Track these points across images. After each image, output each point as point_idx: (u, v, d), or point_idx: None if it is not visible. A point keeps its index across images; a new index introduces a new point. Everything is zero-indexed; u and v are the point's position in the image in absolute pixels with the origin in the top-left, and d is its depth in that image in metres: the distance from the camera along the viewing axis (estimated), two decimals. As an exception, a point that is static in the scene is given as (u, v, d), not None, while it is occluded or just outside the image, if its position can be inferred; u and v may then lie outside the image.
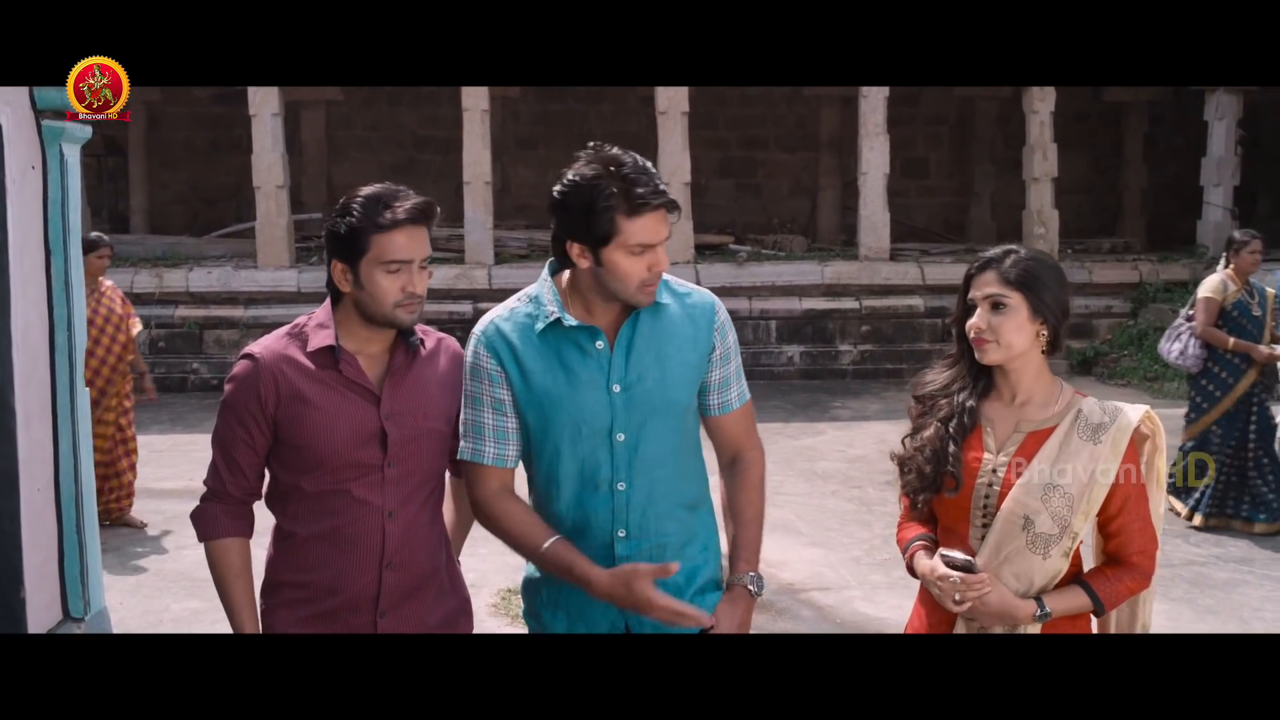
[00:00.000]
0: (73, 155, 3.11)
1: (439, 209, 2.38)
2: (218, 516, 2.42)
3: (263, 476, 2.47)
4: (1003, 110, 15.17)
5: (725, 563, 2.45)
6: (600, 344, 2.27)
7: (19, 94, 2.84)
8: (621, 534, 2.29)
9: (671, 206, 2.20)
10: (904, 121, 15.99)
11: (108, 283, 6.55)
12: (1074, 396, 2.38)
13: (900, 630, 2.68)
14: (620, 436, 2.26)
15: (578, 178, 2.17)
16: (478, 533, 2.55)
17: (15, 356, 2.83)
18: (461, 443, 2.35)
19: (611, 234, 2.16)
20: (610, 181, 2.14)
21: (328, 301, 2.42)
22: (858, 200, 13.03)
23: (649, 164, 2.21)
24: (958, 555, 2.29)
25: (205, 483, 2.45)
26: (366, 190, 2.32)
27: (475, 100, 12.44)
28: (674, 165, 12.32)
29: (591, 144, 2.23)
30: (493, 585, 5.40)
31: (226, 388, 2.42)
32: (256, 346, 2.42)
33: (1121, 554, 2.34)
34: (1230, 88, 13.34)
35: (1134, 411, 2.35)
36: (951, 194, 16.81)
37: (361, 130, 16.21)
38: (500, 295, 11.84)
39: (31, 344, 2.93)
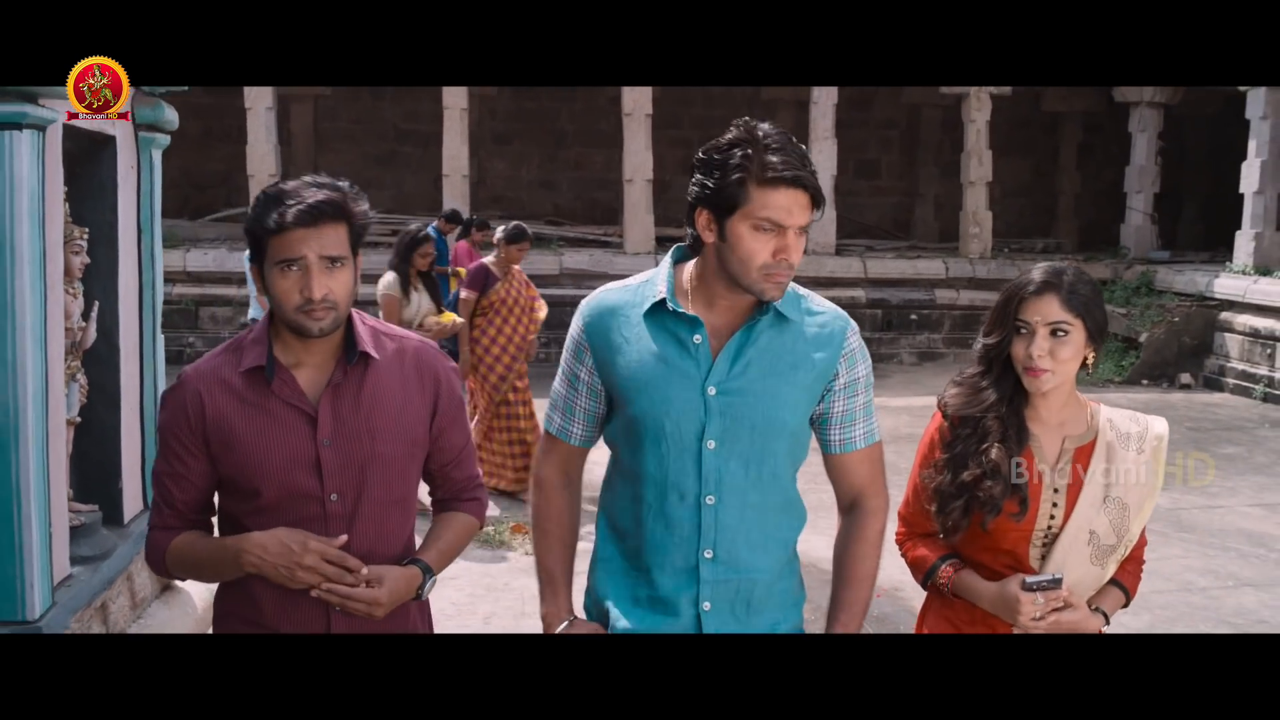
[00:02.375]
0: (158, 157, 4.07)
1: (355, 204, 2.15)
2: (158, 536, 2.22)
3: (207, 509, 2.26)
4: (947, 117, 16.26)
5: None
6: (699, 338, 2.07)
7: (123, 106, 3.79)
8: (708, 554, 2.08)
9: (808, 186, 2.00)
10: (857, 125, 17.13)
11: (517, 269, 7.24)
12: (1094, 407, 2.35)
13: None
14: (711, 444, 2.06)
15: (719, 141, 2.03)
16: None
17: (120, 309, 3.81)
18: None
19: (739, 201, 1.98)
20: (748, 146, 1.98)
21: (269, 311, 2.19)
22: (808, 199, 14.10)
23: (800, 145, 2.04)
24: (1043, 578, 2.20)
25: (149, 523, 2.27)
26: (269, 187, 2.13)
27: (455, 99, 13.44)
28: (637, 163, 13.38)
29: (746, 119, 2.07)
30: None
31: (159, 414, 2.23)
32: (190, 365, 2.23)
33: (1130, 551, 2.36)
34: (1151, 103, 14.50)
35: (1158, 421, 2.34)
36: (900, 194, 17.95)
37: (346, 123, 17.13)
38: (476, 280, 12.75)
39: (129, 300, 3.89)
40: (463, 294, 7.11)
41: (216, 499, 2.28)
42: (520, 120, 17.30)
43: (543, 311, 7.27)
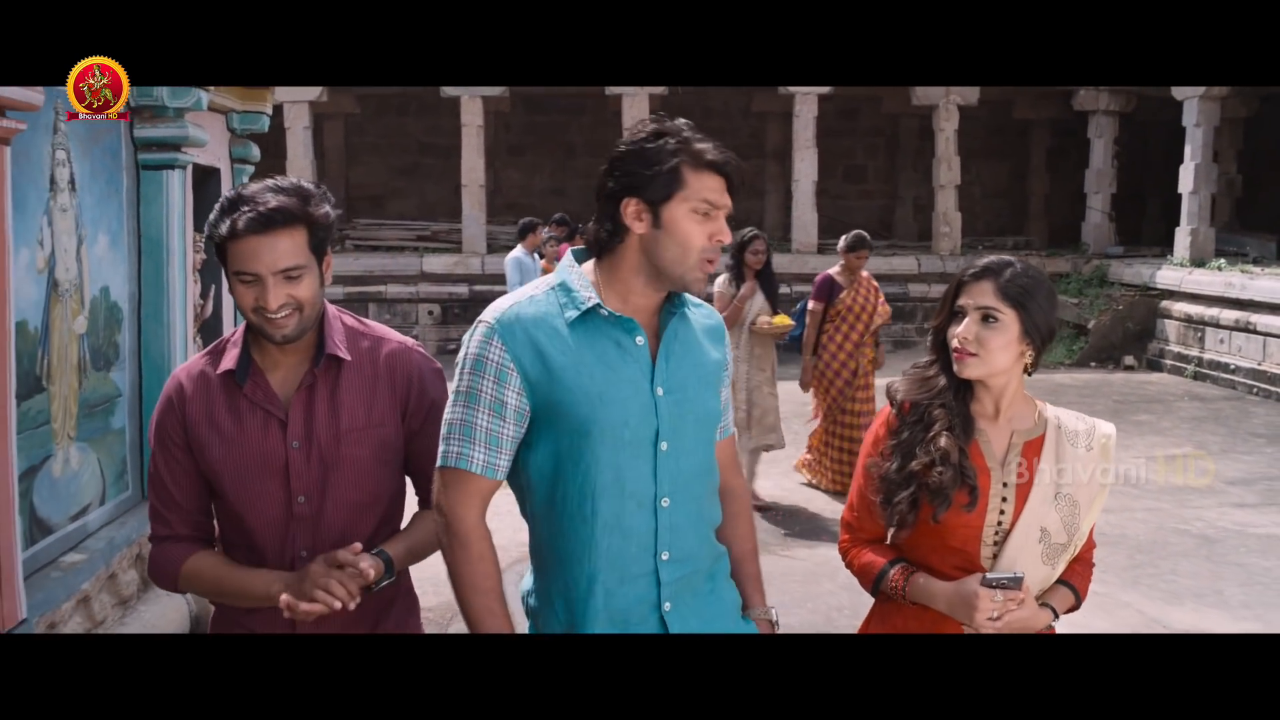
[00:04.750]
0: (245, 180, 5.54)
1: (316, 207, 2.09)
2: (171, 550, 2.19)
3: (207, 512, 2.22)
4: (923, 126, 17.61)
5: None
6: (640, 339, 2.04)
7: (223, 147, 5.24)
8: (665, 556, 2.05)
9: (736, 173, 2.03)
10: (846, 133, 18.56)
11: (865, 274, 7.41)
12: (1041, 405, 2.33)
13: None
14: (664, 446, 2.04)
15: (641, 134, 2.03)
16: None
17: (222, 294, 5.29)
18: (443, 445, 2.03)
19: (675, 187, 1.98)
20: (674, 135, 2.01)
21: None
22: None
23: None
24: (1004, 575, 2.15)
25: (150, 535, 2.23)
26: (232, 191, 2.10)
27: (472, 116, 14.97)
28: (637, 172, 14.84)
29: (661, 113, 2.08)
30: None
31: (155, 411, 2.23)
32: (182, 364, 2.23)
33: (1078, 551, 2.33)
34: (1107, 111, 15.84)
35: (1104, 423, 2.33)
36: (885, 197, 19.32)
37: (374, 137, 18.60)
38: (492, 279, 14.37)
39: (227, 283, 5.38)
40: (810, 305, 7.26)
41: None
42: (532, 133, 18.74)
43: (880, 319, 7.34)
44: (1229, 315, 12.32)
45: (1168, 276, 13.61)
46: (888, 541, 2.37)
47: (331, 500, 2.16)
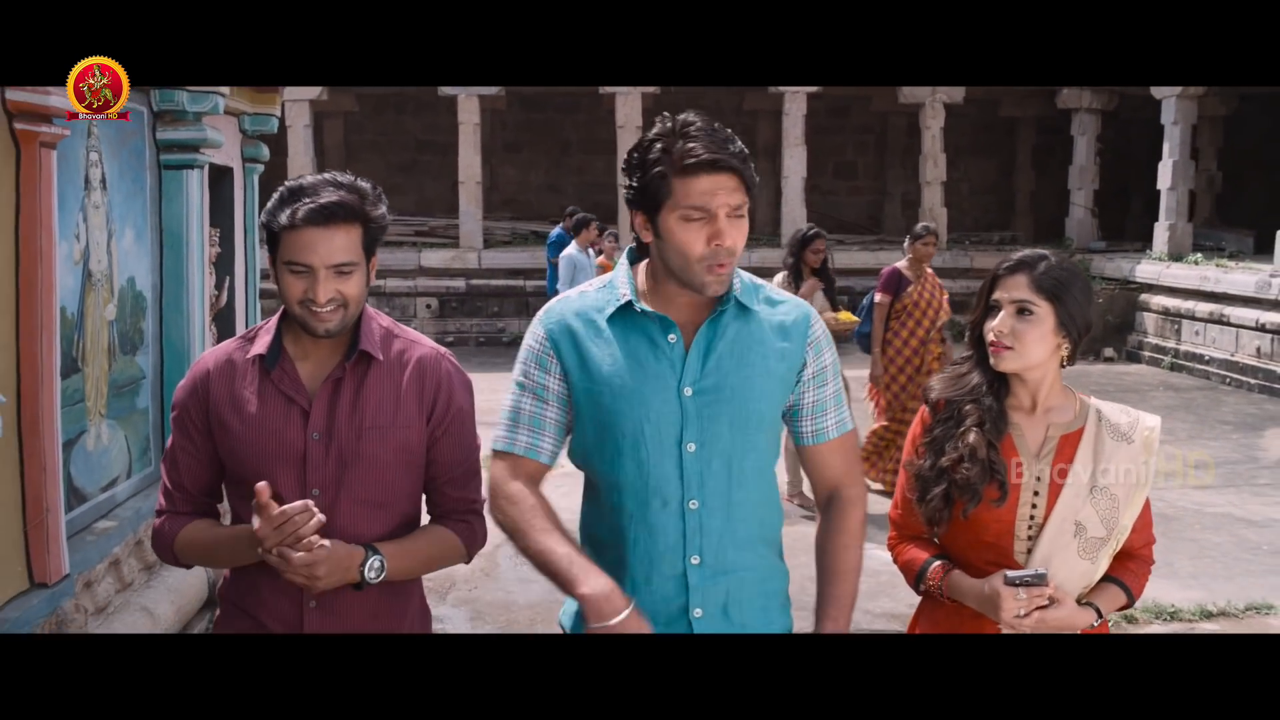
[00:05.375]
0: (255, 181, 5.89)
1: (373, 207, 2.12)
2: (170, 524, 2.23)
3: (215, 494, 2.26)
4: (911, 124, 17.97)
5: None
6: (673, 337, 2.03)
7: (236, 148, 5.59)
8: (695, 560, 2.02)
9: (730, 168, 1.93)
10: (836, 131, 18.91)
11: (929, 271, 7.17)
12: (1084, 398, 2.31)
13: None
14: (691, 447, 2.01)
15: (643, 138, 2.00)
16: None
17: (236, 285, 5.65)
18: (496, 430, 2.11)
19: (663, 196, 1.94)
20: (667, 138, 1.95)
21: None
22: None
23: (725, 129, 1.99)
24: (1026, 573, 2.14)
25: (155, 510, 2.27)
26: (291, 181, 2.11)
27: (469, 115, 15.32)
28: (630, 169, 15.21)
29: (665, 114, 2.03)
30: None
31: (177, 391, 2.25)
32: (209, 350, 2.26)
33: (1133, 547, 2.29)
34: (1089, 109, 16.21)
35: (1149, 416, 2.30)
36: (874, 193, 19.70)
37: (373, 135, 18.94)
38: (489, 275, 14.75)
39: (240, 279, 5.73)
40: (877, 298, 7.07)
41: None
42: (528, 131, 19.07)
43: (945, 316, 7.10)
44: (1204, 308, 12.68)
45: (1146, 270, 13.98)
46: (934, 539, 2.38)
47: (346, 496, 2.14)
